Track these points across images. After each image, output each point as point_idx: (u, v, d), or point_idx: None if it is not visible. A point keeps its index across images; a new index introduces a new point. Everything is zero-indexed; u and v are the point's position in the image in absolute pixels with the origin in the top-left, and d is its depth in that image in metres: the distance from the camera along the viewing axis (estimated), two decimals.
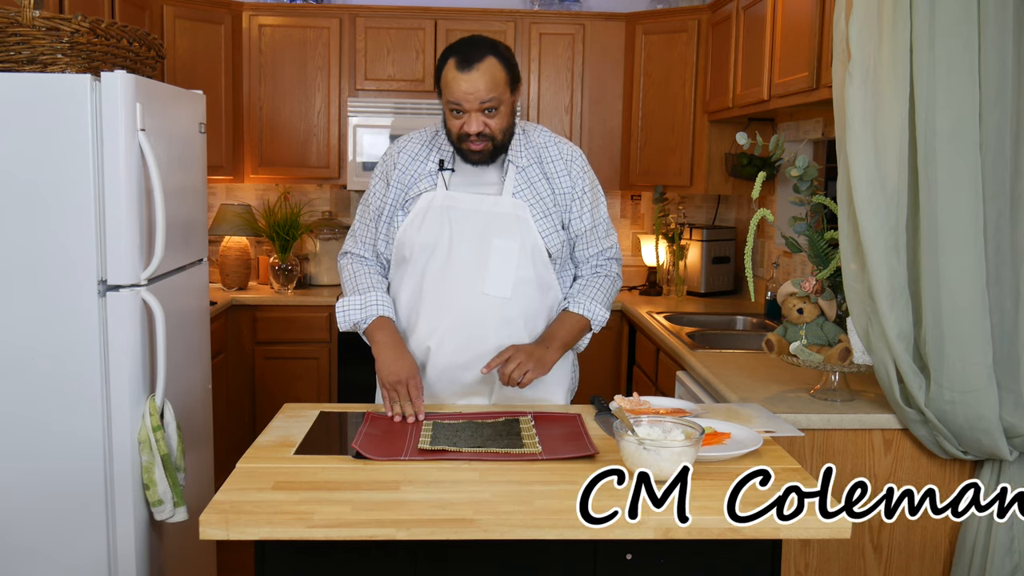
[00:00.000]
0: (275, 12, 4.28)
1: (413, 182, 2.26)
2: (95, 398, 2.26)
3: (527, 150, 2.25)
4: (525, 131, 2.28)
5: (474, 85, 2.07)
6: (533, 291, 2.25)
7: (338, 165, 4.37)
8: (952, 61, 1.95)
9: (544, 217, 2.24)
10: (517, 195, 2.23)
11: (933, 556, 2.25)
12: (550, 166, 2.26)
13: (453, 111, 2.13)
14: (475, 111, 2.10)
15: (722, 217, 4.73)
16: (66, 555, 2.29)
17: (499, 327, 2.22)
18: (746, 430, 1.89)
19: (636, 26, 4.34)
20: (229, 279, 4.30)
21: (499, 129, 2.15)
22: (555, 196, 2.26)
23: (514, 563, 1.60)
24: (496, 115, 2.13)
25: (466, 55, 2.10)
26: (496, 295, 2.21)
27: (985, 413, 2.03)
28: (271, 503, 1.53)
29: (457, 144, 2.17)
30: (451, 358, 2.24)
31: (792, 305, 2.28)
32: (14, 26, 2.17)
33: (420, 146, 2.30)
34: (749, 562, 1.62)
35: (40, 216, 2.20)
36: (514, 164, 2.23)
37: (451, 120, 2.15)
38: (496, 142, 2.16)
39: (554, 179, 2.26)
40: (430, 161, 2.26)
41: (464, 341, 2.22)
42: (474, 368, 2.23)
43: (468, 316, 2.21)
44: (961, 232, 1.99)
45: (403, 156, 2.29)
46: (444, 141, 2.27)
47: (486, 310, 2.21)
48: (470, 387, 2.26)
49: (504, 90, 2.13)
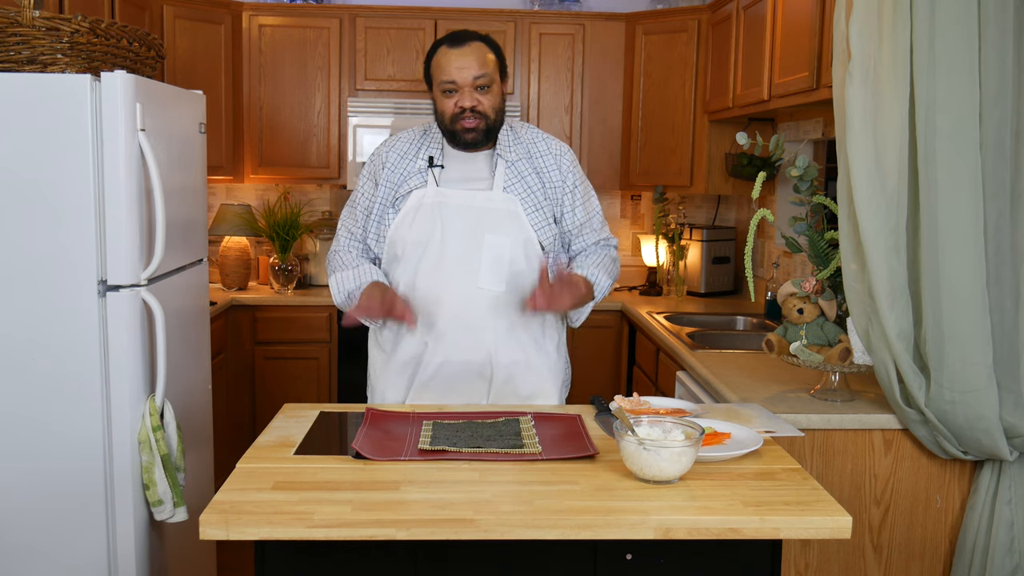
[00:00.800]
0: (275, 12, 4.28)
1: (403, 180, 2.28)
2: (95, 398, 2.26)
3: (516, 145, 2.30)
4: (513, 128, 2.32)
5: (466, 60, 2.16)
6: (526, 284, 2.27)
7: (338, 165, 4.37)
8: (952, 61, 1.95)
9: (536, 211, 2.26)
10: (508, 190, 2.26)
11: (933, 556, 2.25)
12: (539, 160, 2.30)
13: (446, 91, 2.19)
14: (468, 86, 2.17)
15: (722, 217, 4.73)
16: (66, 555, 2.29)
17: (494, 321, 2.24)
18: (746, 430, 1.89)
19: (636, 26, 4.33)
20: (229, 279, 4.30)
21: (491, 107, 2.21)
22: (545, 190, 2.29)
23: (514, 563, 1.60)
24: (488, 93, 2.20)
25: (457, 37, 2.20)
26: (490, 289, 2.22)
27: (985, 413, 2.03)
28: (271, 503, 1.53)
29: (450, 126, 2.22)
30: (448, 354, 2.25)
31: (792, 305, 2.28)
32: (14, 26, 2.17)
33: (408, 144, 2.33)
34: (749, 562, 1.62)
35: (40, 216, 2.20)
36: (503, 159, 2.26)
37: (444, 102, 2.21)
38: (489, 121, 2.21)
39: (544, 173, 2.29)
40: (419, 158, 2.29)
41: (460, 336, 2.24)
42: (471, 363, 2.25)
43: (463, 311, 2.23)
44: (961, 232, 1.99)
45: (392, 155, 2.32)
46: (433, 139, 2.31)
47: (481, 304, 2.24)
48: (467, 382, 2.28)
49: (494, 71, 2.21)
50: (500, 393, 2.29)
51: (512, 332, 2.27)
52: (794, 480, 1.68)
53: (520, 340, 2.29)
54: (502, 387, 2.29)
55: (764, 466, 1.75)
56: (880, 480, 2.21)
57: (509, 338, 2.27)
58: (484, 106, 2.19)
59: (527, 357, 2.30)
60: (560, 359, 2.39)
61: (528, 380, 2.30)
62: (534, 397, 2.31)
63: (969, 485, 2.22)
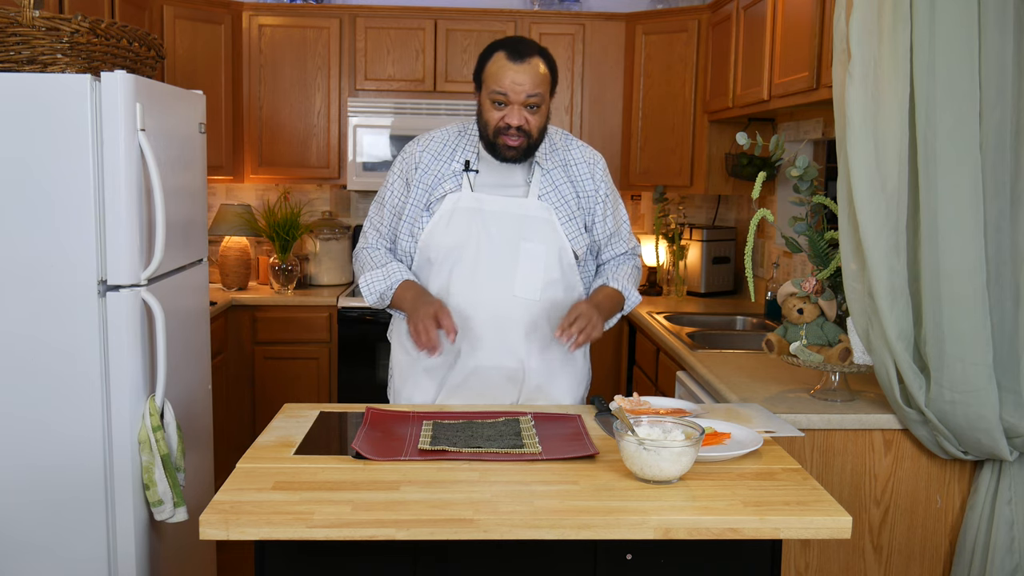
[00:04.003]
0: (275, 12, 4.28)
1: (437, 183, 2.25)
2: (95, 398, 2.26)
3: (552, 153, 2.28)
4: (549, 135, 2.29)
5: (524, 76, 2.11)
6: (560, 292, 2.26)
7: (338, 165, 4.37)
8: (952, 61, 1.95)
9: (569, 220, 2.26)
10: (543, 198, 2.24)
11: (933, 556, 2.25)
12: (574, 169, 2.29)
13: (496, 102, 2.14)
14: (519, 104, 2.13)
15: (722, 217, 4.73)
16: (66, 555, 2.29)
17: (528, 328, 2.24)
18: (746, 430, 1.89)
19: (636, 26, 4.33)
20: (229, 279, 4.30)
21: (537, 127, 2.17)
22: (579, 200, 2.28)
23: (514, 563, 1.60)
24: (537, 113, 2.16)
25: (517, 48, 2.13)
26: (525, 297, 2.21)
27: (985, 413, 2.03)
28: (271, 503, 1.53)
29: (492, 138, 2.17)
30: (482, 360, 2.24)
31: (792, 305, 2.28)
32: (14, 26, 2.17)
33: (443, 145, 2.29)
34: (749, 562, 1.62)
35: (40, 216, 2.20)
36: (540, 166, 2.24)
37: (491, 112, 2.16)
38: (531, 140, 2.18)
39: (578, 182, 2.28)
40: (454, 161, 2.26)
41: (495, 343, 2.23)
42: (503, 368, 2.23)
43: (498, 318, 2.22)
44: (961, 232, 1.99)
45: (426, 155, 2.28)
46: (468, 142, 2.27)
47: (515, 311, 2.22)
48: (499, 387, 2.26)
49: (547, 89, 2.17)
50: (530, 397, 2.28)
51: (544, 339, 2.26)
52: (794, 480, 1.68)
53: (551, 347, 2.27)
54: (533, 393, 2.28)
55: (764, 466, 1.75)
56: (880, 480, 2.21)
57: (541, 345, 2.26)
58: (531, 125, 2.15)
59: (559, 365, 2.30)
60: (586, 364, 2.41)
61: (559, 386, 2.30)
62: (560, 401, 2.31)
63: (969, 485, 2.22)
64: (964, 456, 2.14)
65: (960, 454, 2.14)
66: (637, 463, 1.63)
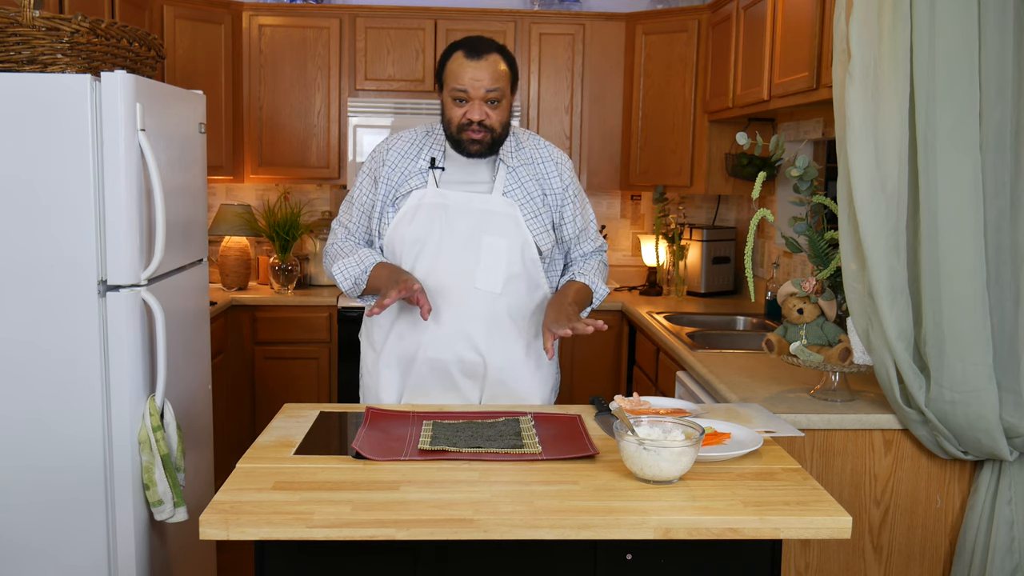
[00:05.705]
0: (275, 12, 4.28)
1: (403, 179, 2.30)
2: (95, 398, 2.26)
3: (518, 152, 2.32)
4: (516, 135, 2.35)
5: (481, 72, 2.17)
6: (523, 287, 2.29)
7: (338, 165, 4.37)
8: (952, 61, 1.95)
9: (534, 217, 2.29)
10: (507, 194, 2.28)
11: (933, 556, 2.25)
12: (541, 167, 2.33)
13: (457, 100, 2.20)
14: (479, 99, 2.18)
15: (722, 217, 4.73)
16: (66, 555, 2.29)
17: (489, 322, 2.26)
18: (746, 430, 1.89)
19: (636, 26, 4.33)
20: (229, 279, 4.30)
21: (499, 122, 2.23)
22: (545, 197, 2.32)
23: (514, 563, 1.60)
24: (498, 108, 2.21)
25: (475, 46, 2.20)
26: (486, 290, 2.24)
27: (985, 413, 2.03)
28: (271, 503, 1.53)
29: (456, 135, 2.23)
30: (442, 352, 2.27)
31: (792, 305, 2.28)
32: (14, 26, 2.17)
33: (410, 144, 2.34)
34: (749, 562, 1.62)
35: (40, 216, 2.20)
36: (505, 164, 2.28)
37: (453, 109, 2.21)
38: (495, 135, 2.23)
39: (545, 181, 2.32)
40: (420, 159, 2.31)
41: (455, 335, 2.26)
42: (464, 362, 2.27)
43: (459, 310, 2.25)
44: (961, 232, 1.99)
45: (392, 154, 2.33)
46: (435, 140, 2.32)
47: (476, 304, 2.25)
48: (460, 380, 2.29)
49: (506, 84, 2.22)
50: (493, 393, 2.31)
51: (506, 334, 2.29)
52: (794, 480, 1.68)
53: (513, 342, 2.30)
54: (495, 387, 2.30)
55: (764, 466, 1.75)
56: (880, 480, 2.21)
57: (503, 339, 2.29)
58: (492, 120, 2.21)
59: (520, 359, 2.32)
60: (551, 364, 2.41)
61: (520, 381, 2.32)
62: (525, 399, 2.33)
63: (969, 485, 2.22)
64: (964, 456, 2.14)
65: (960, 454, 2.14)
66: (637, 463, 1.63)
